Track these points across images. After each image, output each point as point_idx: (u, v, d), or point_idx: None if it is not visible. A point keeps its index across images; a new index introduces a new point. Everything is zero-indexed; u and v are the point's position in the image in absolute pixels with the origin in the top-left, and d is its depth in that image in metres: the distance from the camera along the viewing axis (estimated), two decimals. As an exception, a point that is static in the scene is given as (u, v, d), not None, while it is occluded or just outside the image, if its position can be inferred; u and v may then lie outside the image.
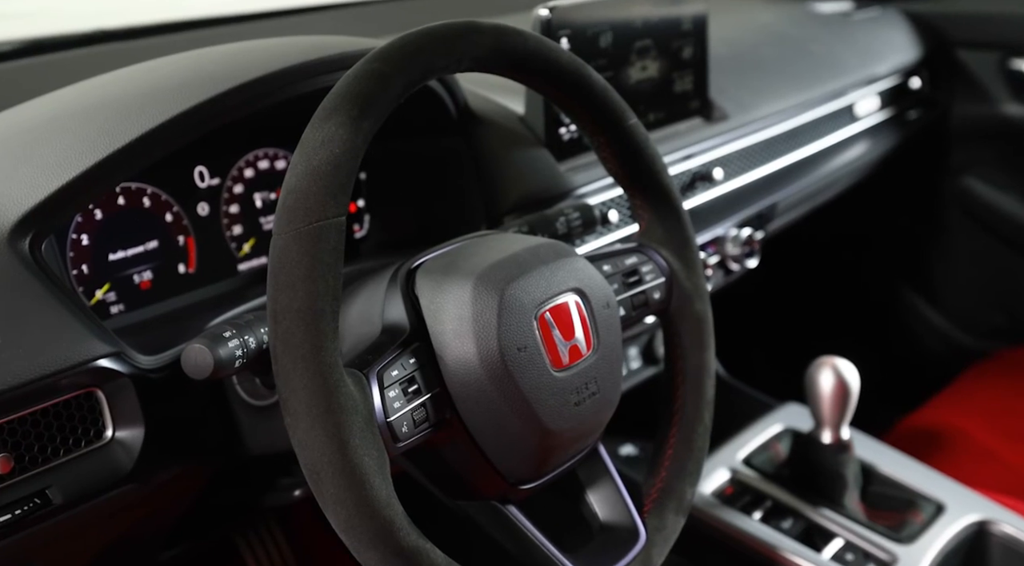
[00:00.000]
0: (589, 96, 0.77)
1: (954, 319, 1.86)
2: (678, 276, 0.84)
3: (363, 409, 0.61)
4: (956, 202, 1.81)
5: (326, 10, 1.40)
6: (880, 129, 1.56)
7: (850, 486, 1.10)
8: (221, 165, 0.90)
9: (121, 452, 0.68)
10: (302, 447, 0.59)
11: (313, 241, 0.59)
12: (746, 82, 1.28)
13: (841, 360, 1.06)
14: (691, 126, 1.18)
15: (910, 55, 1.62)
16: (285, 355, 0.59)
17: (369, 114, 0.63)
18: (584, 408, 0.72)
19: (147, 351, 0.72)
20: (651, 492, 0.81)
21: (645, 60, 1.10)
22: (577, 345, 0.71)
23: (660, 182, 0.83)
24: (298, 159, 0.61)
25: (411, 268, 0.72)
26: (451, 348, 0.67)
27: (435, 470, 0.72)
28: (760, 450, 1.18)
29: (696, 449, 0.83)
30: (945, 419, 1.45)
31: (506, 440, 0.69)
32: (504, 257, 0.71)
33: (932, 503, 1.11)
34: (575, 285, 0.73)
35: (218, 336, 0.67)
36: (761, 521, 1.08)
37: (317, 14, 1.37)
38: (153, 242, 0.86)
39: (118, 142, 0.71)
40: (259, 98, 0.77)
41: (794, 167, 1.33)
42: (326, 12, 1.39)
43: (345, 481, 0.59)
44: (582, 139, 1.04)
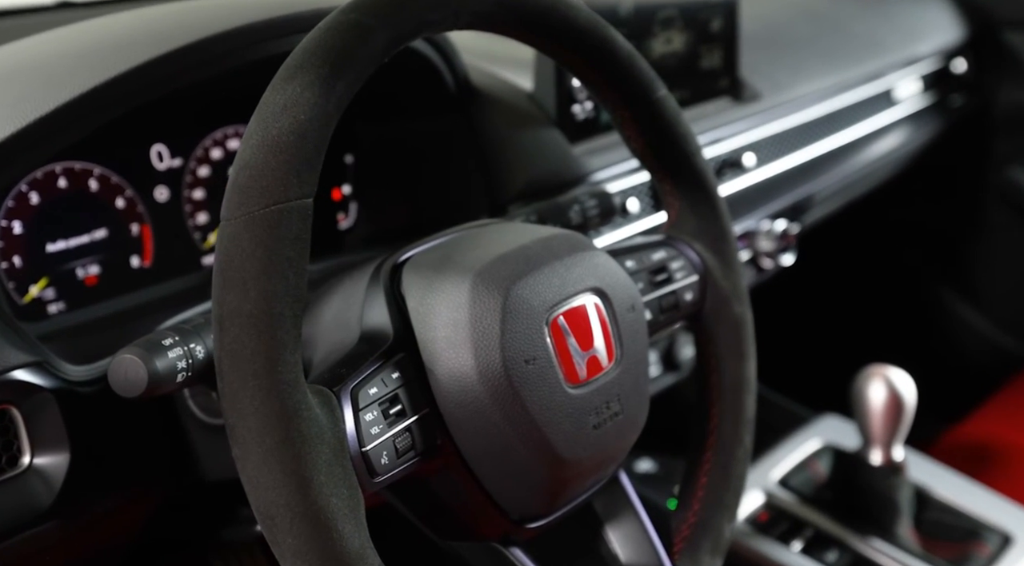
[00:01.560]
0: (612, 63, 0.66)
1: (999, 322, 1.76)
2: (713, 274, 0.72)
3: (331, 438, 0.50)
4: (1001, 196, 1.71)
5: None
6: (921, 115, 1.46)
7: (903, 513, 1.00)
8: (183, 144, 0.80)
9: (39, 483, 0.58)
10: (253, 486, 0.49)
11: (270, 228, 0.48)
12: (780, 60, 1.17)
13: (894, 369, 0.96)
14: (719, 107, 1.07)
15: (953, 36, 1.52)
16: (233, 371, 0.48)
17: (344, 73, 0.51)
18: (605, 432, 0.61)
19: (82, 360, 0.60)
20: (682, 528, 0.70)
21: (670, 32, 0.98)
22: (596, 356, 0.60)
23: (693, 165, 0.71)
24: (254, 127, 0.50)
25: (397, 263, 0.61)
26: (444, 359, 0.57)
27: (423, 505, 0.62)
28: (798, 469, 1.08)
29: (735, 477, 0.72)
30: (996, 431, 1.34)
31: (510, 471, 0.59)
32: (509, 250, 0.60)
33: (997, 533, 1.01)
34: (594, 284, 0.61)
35: (156, 344, 0.55)
36: (802, 553, 0.99)
37: None
38: (101, 231, 0.75)
39: (41, 109, 0.60)
40: (212, 61, 0.66)
41: (831, 154, 1.22)
42: None
43: (307, 529, 0.48)
44: (599, 118, 0.93)
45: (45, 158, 0.62)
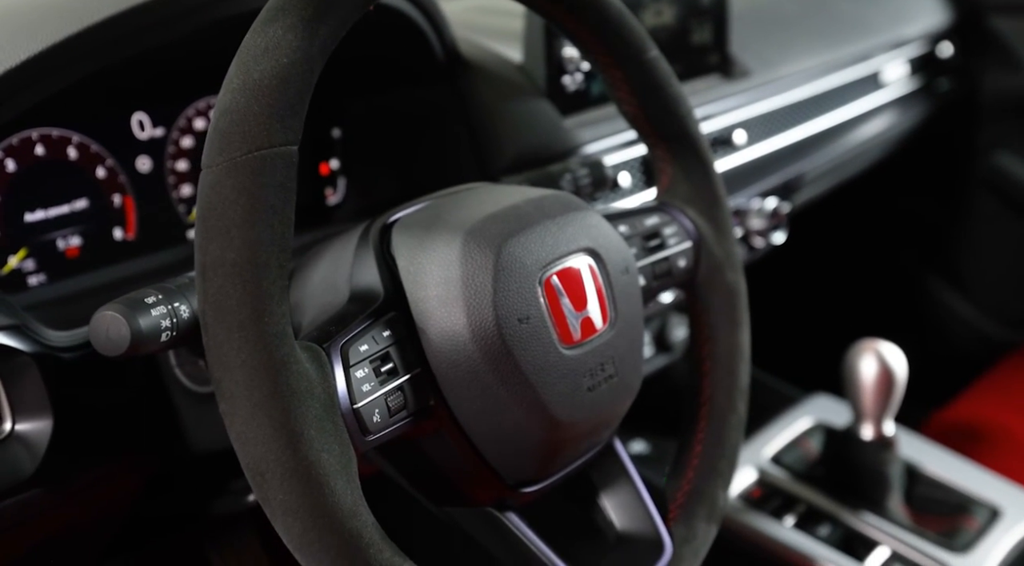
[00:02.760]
0: (603, 20, 0.65)
1: (984, 309, 1.77)
2: (707, 241, 0.72)
3: (321, 393, 0.49)
4: (986, 181, 1.72)
5: None
6: (907, 99, 1.46)
7: (894, 487, 1.01)
8: (165, 113, 0.79)
9: (21, 449, 0.57)
10: (241, 441, 0.48)
11: (253, 174, 0.47)
12: (769, 37, 1.17)
13: (885, 344, 0.96)
14: (709, 83, 1.07)
15: (939, 20, 1.52)
16: (217, 322, 0.47)
17: (327, 17, 0.50)
18: (599, 394, 0.60)
19: (63, 325, 0.59)
20: (677, 496, 0.70)
21: (660, 3, 0.98)
22: (590, 318, 0.60)
23: (686, 128, 0.70)
24: (234, 71, 0.49)
25: (387, 223, 0.60)
26: (435, 319, 0.56)
27: (415, 469, 0.61)
28: (790, 447, 1.09)
29: (729, 446, 0.72)
30: (982, 412, 1.35)
31: (504, 433, 0.58)
32: (501, 209, 0.59)
33: (986, 507, 1.02)
34: (588, 244, 0.61)
35: (138, 302, 0.53)
36: (794, 527, 0.99)
37: None
38: (82, 201, 0.74)
39: (26, 51, 0.59)
40: (189, 13, 0.64)
41: (820, 135, 1.22)
42: None
43: (298, 485, 0.47)
44: (590, 90, 0.92)
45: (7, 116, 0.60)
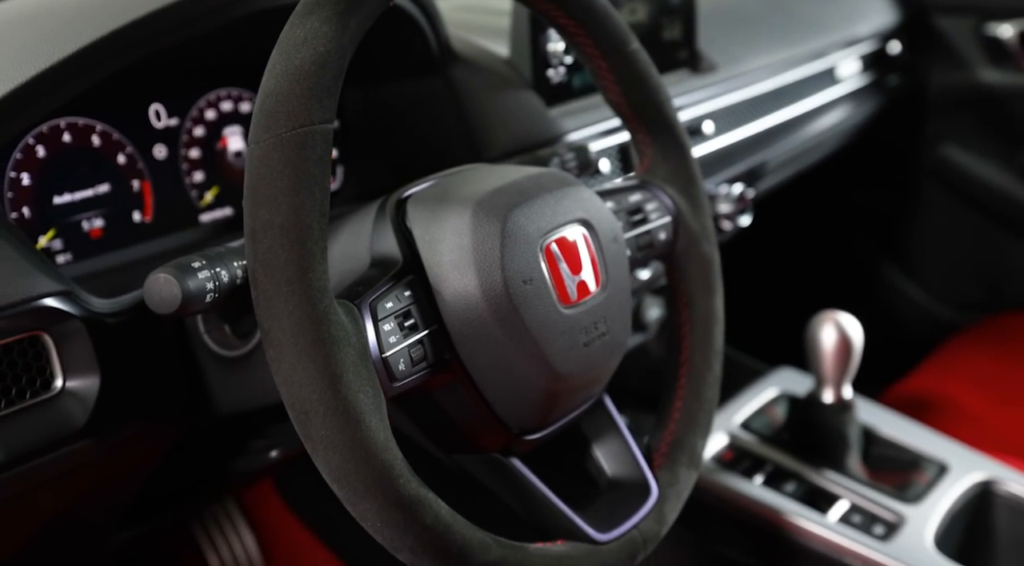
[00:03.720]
0: (590, 16, 0.72)
1: (933, 292, 1.87)
2: (684, 216, 0.79)
3: (356, 342, 0.55)
4: (933, 172, 1.82)
5: None
6: (860, 94, 1.55)
7: (852, 447, 1.08)
8: (180, 104, 0.84)
9: (74, 403, 0.61)
10: (288, 384, 0.53)
11: (297, 148, 0.53)
12: (734, 34, 1.25)
13: (844, 314, 1.04)
14: (679, 77, 1.15)
15: (889, 19, 1.62)
16: (267, 278, 0.53)
17: (356, 10, 0.56)
18: (593, 349, 0.67)
19: (102, 295, 0.64)
20: (660, 446, 0.77)
21: (634, 2, 1.05)
22: (585, 281, 0.66)
23: (664, 114, 0.78)
24: (276, 58, 0.55)
25: (401, 198, 0.67)
26: (449, 281, 0.61)
27: (429, 420, 0.67)
28: (757, 414, 1.16)
29: (706, 400, 0.79)
30: (932, 386, 1.44)
31: (511, 384, 0.64)
32: (505, 184, 0.66)
33: (935, 463, 1.10)
34: (582, 216, 0.68)
35: (187, 266, 0.59)
36: (763, 485, 1.06)
37: None
38: (104, 186, 0.79)
39: (67, 49, 0.64)
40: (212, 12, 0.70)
41: (781, 126, 1.31)
42: None
43: (338, 421, 0.53)
44: (572, 82, 0.99)
45: (48, 111, 0.65)
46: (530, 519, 0.68)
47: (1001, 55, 1.67)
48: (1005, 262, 1.80)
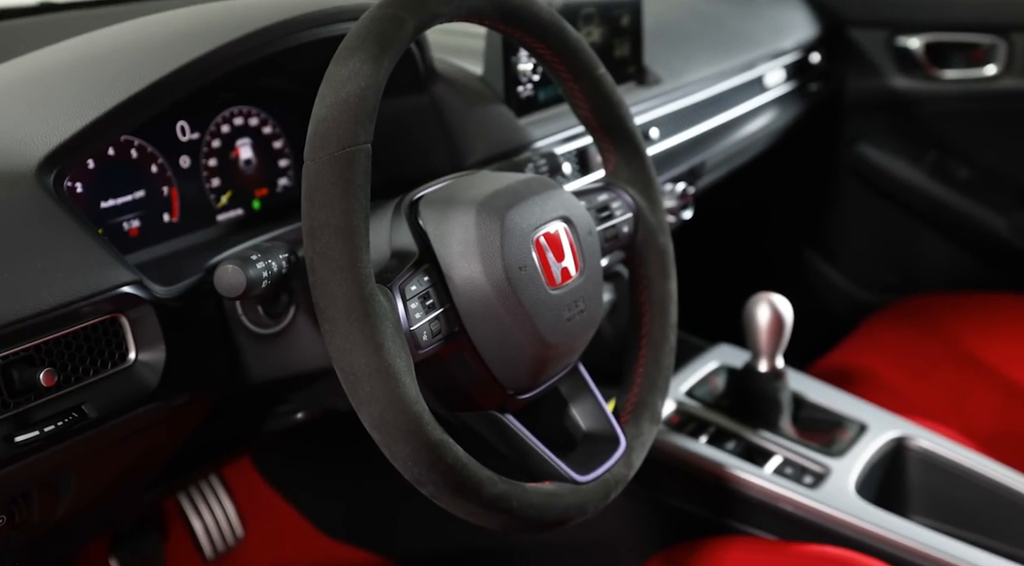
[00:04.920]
0: (565, 47, 0.84)
1: (852, 276, 2.03)
2: (643, 212, 0.92)
3: (392, 317, 0.66)
4: (851, 168, 1.97)
5: None
6: (786, 99, 1.70)
7: (784, 410, 1.20)
8: (201, 120, 0.94)
9: (147, 372, 0.71)
10: (340, 350, 0.64)
11: (347, 164, 0.64)
12: (675, 51, 1.38)
13: (776, 295, 1.17)
14: (628, 89, 1.27)
15: (809, 32, 1.76)
16: (324, 267, 0.64)
17: (388, 52, 0.68)
18: (574, 323, 0.79)
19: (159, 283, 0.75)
20: (627, 406, 0.89)
21: (590, 26, 1.18)
22: (567, 267, 0.78)
23: (626, 127, 0.90)
24: (326, 91, 0.66)
25: (413, 200, 0.78)
26: (459, 268, 0.73)
27: (440, 383, 0.78)
28: (701, 384, 1.28)
29: (664, 367, 0.91)
30: (854, 359, 1.59)
31: (508, 352, 0.75)
32: (501, 187, 0.78)
33: (856, 423, 1.22)
34: (563, 213, 0.80)
35: (247, 258, 0.70)
36: (707, 444, 1.18)
37: None
38: (140, 192, 0.88)
39: (136, 86, 0.74)
40: (263, 46, 0.81)
41: (717, 130, 1.44)
42: None
43: (380, 379, 0.63)
44: (538, 97, 1.11)
45: (135, 124, 0.75)
46: (522, 465, 0.79)
47: (910, 64, 1.85)
48: (916, 249, 1.98)
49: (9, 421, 0.63)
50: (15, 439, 0.63)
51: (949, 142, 1.90)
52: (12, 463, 0.63)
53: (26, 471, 0.65)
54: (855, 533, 1.07)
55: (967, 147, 1.89)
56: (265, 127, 0.99)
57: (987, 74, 1.82)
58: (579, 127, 1.10)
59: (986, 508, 1.16)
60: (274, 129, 1.00)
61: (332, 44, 0.83)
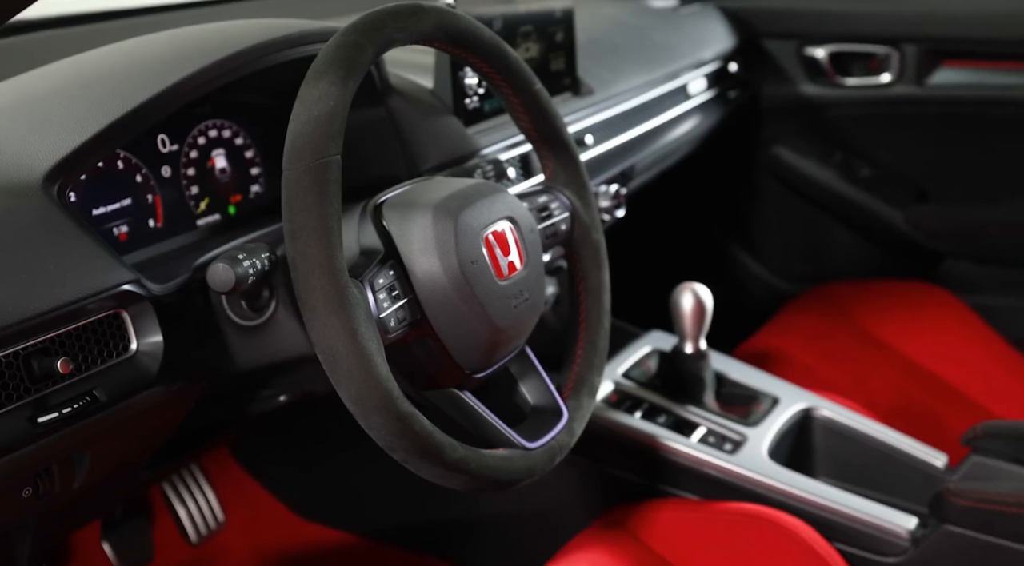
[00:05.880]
0: (506, 65, 0.94)
1: (770, 266, 2.16)
2: (579, 212, 1.03)
3: (364, 306, 0.75)
4: (768, 168, 2.10)
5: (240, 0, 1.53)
6: (707, 106, 1.82)
7: (708, 387, 1.31)
8: (179, 133, 1.01)
9: (148, 360, 0.79)
10: (320, 336, 0.73)
11: (321, 174, 0.73)
12: (605, 63, 1.49)
13: (699, 285, 1.29)
14: (564, 99, 1.38)
15: (728, 44, 1.89)
16: (304, 264, 0.73)
17: (353, 75, 0.77)
18: (521, 310, 0.89)
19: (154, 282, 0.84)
20: (568, 383, 1.00)
21: (528, 42, 1.29)
22: (513, 261, 0.88)
23: (562, 136, 1.02)
24: (299, 110, 0.75)
25: (377, 204, 0.87)
26: (419, 263, 0.82)
27: (406, 365, 0.87)
28: (635, 366, 1.38)
29: (600, 348, 1.02)
30: (772, 343, 1.73)
31: (464, 336, 0.84)
32: (454, 191, 0.87)
33: (770, 397, 1.33)
34: (509, 214, 0.90)
35: (234, 258, 0.78)
36: (641, 418, 1.28)
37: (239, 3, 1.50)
38: (127, 200, 0.95)
39: (129, 105, 0.82)
40: (241, 67, 0.90)
41: (646, 135, 1.55)
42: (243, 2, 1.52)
43: (356, 360, 0.72)
44: (483, 108, 1.22)
45: (128, 139, 0.84)
46: (478, 435, 0.87)
47: (816, 72, 1.99)
48: (827, 242, 2.12)
49: (32, 404, 0.72)
50: (38, 420, 0.71)
51: (853, 143, 2.01)
52: (36, 441, 0.72)
53: (48, 448, 0.73)
54: (768, 491, 1.19)
55: (868, 148, 2.02)
56: (237, 138, 1.07)
57: (883, 81, 1.96)
58: (521, 135, 1.21)
59: (880, 468, 1.29)
60: (245, 140, 1.08)
61: (299, 63, 0.94)
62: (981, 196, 1.96)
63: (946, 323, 1.84)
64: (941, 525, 1.13)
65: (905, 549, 1.15)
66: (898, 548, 1.15)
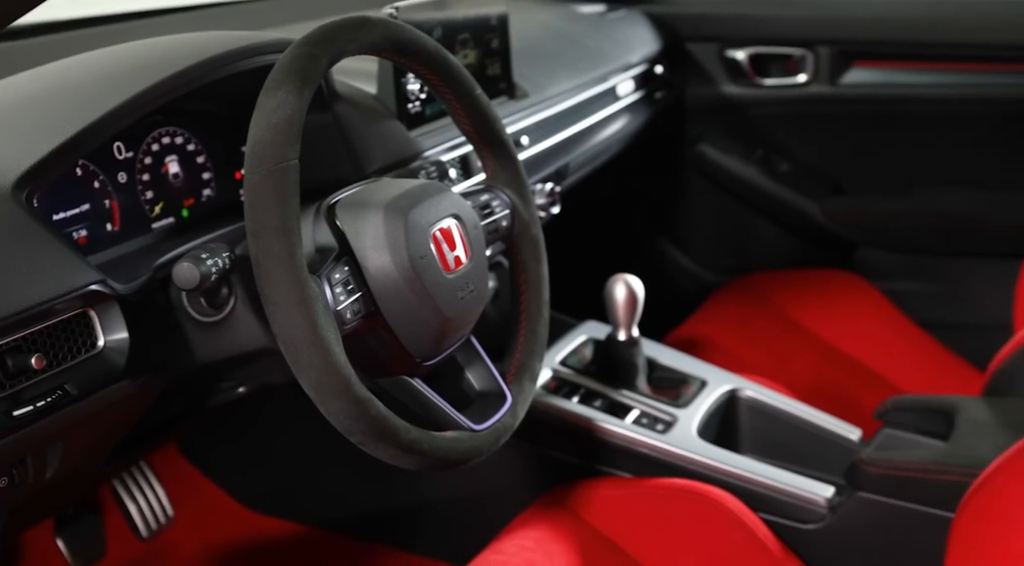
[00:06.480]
0: (449, 72, 1.00)
1: (697, 258, 2.25)
2: (518, 209, 1.09)
3: (323, 299, 0.80)
4: (694, 165, 2.18)
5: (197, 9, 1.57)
6: (635, 107, 1.89)
7: (640, 372, 1.37)
8: (134, 140, 1.04)
9: (115, 356, 0.82)
10: (282, 328, 0.77)
11: (281, 177, 0.78)
12: (538, 68, 1.55)
13: (631, 276, 1.36)
14: (501, 103, 1.44)
15: (653, 47, 1.96)
16: (267, 261, 0.77)
17: (308, 84, 0.82)
18: (467, 301, 0.95)
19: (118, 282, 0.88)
20: (510, 369, 1.06)
21: (466, 49, 1.35)
22: (459, 256, 0.94)
23: (501, 138, 1.08)
24: (259, 118, 0.79)
25: (331, 204, 0.92)
26: (372, 259, 0.86)
27: (361, 355, 0.90)
28: (572, 354, 1.44)
29: (540, 336, 1.08)
30: (700, 330, 1.82)
31: (414, 326, 0.88)
32: (402, 191, 0.92)
33: (698, 380, 1.41)
34: (454, 211, 0.96)
35: (198, 257, 0.82)
36: (579, 403, 1.33)
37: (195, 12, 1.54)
38: (86, 205, 0.97)
39: (93, 115, 0.85)
40: (200, 78, 0.94)
41: (578, 135, 1.61)
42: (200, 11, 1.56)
43: (316, 349, 0.76)
44: (425, 112, 1.28)
45: (92, 148, 0.87)
46: (429, 418, 0.90)
47: (737, 73, 2.08)
48: (749, 234, 2.21)
49: (7, 399, 0.76)
50: (13, 413, 0.75)
51: (772, 140, 2.10)
52: (11, 433, 0.75)
53: (23, 440, 0.77)
54: (698, 467, 1.25)
55: (787, 144, 2.11)
56: (189, 145, 1.10)
57: (799, 81, 2.05)
58: (461, 137, 1.27)
59: (801, 442, 1.38)
60: (197, 146, 1.11)
61: (250, 74, 0.99)
62: (891, 188, 2.06)
63: (860, 308, 1.95)
64: (856, 492, 1.21)
65: (823, 516, 1.24)
66: (817, 515, 1.24)
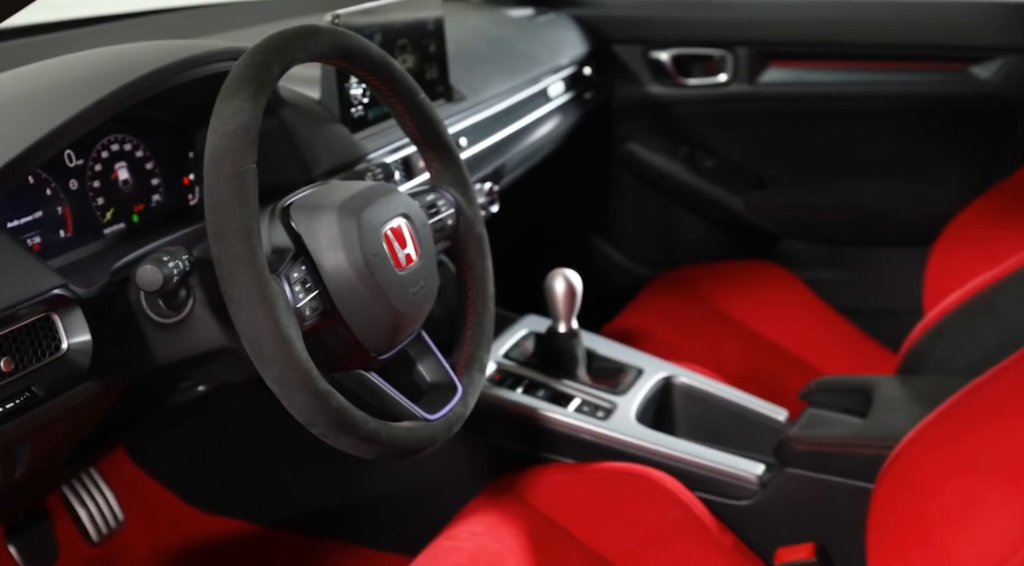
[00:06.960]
0: (393, 78, 1.03)
1: (628, 253, 2.32)
2: (463, 208, 1.13)
3: (283, 298, 0.83)
4: (623, 163, 2.25)
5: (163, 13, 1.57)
6: (566, 107, 1.94)
7: (580, 363, 1.42)
8: (84, 148, 1.05)
9: (79, 357, 0.83)
10: (246, 325, 0.79)
11: (240, 180, 0.81)
12: (473, 71, 1.60)
13: (569, 270, 1.41)
14: (439, 105, 1.48)
15: (582, 49, 2.02)
16: (229, 262, 0.80)
17: (263, 91, 0.85)
18: (418, 297, 0.99)
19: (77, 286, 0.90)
20: (460, 361, 1.10)
21: (405, 54, 1.40)
22: (409, 254, 0.97)
23: (445, 140, 1.12)
24: (216, 124, 0.82)
25: (285, 206, 0.95)
26: (327, 258, 0.89)
27: (319, 350, 0.92)
28: (514, 347, 1.48)
29: (487, 329, 1.13)
30: (634, 321, 1.89)
31: (369, 322, 0.91)
32: (354, 193, 0.96)
33: (635, 369, 1.46)
34: (404, 211, 0.99)
35: (160, 260, 0.85)
36: (523, 393, 1.38)
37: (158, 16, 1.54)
38: (39, 212, 0.97)
39: (49, 126, 0.86)
40: (154, 86, 0.96)
41: (513, 136, 1.66)
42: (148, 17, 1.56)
43: (279, 344, 0.78)
44: (368, 116, 1.31)
45: (49, 156, 0.88)
46: (384, 410, 0.93)
47: (661, 74, 2.16)
48: (677, 229, 2.29)
49: None
50: None
51: (696, 138, 2.16)
52: None
53: None
54: (637, 451, 1.30)
55: (710, 141, 2.17)
56: (138, 151, 1.12)
57: (720, 81, 2.11)
58: (403, 140, 1.30)
59: (732, 424, 1.45)
60: (145, 153, 1.12)
61: (201, 82, 1.01)
62: (809, 182, 2.15)
63: (783, 296, 2.05)
64: (784, 468, 1.27)
65: (755, 492, 1.31)
66: (749, 492, 1.31)
